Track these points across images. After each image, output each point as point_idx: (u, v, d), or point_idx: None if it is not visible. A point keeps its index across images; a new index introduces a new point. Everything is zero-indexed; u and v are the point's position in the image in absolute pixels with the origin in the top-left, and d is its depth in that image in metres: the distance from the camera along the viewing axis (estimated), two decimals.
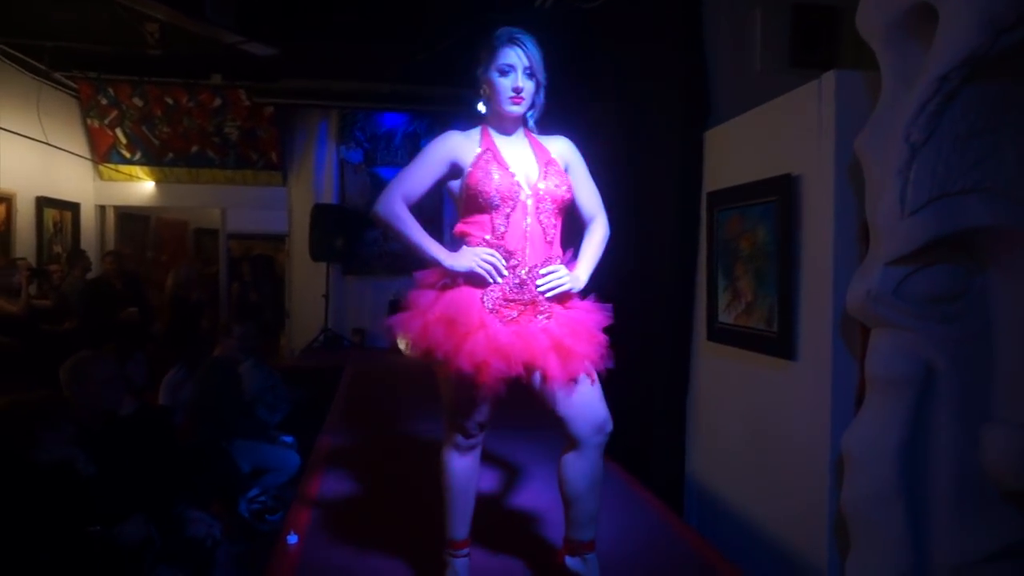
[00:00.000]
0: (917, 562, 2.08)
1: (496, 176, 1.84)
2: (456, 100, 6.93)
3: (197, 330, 6.20)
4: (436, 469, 2.00)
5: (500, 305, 1.86)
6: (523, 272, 1.87)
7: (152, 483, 2.70)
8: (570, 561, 1.98)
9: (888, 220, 2.01)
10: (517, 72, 1.84)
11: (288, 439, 4.28)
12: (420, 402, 4.47)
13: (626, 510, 2.72)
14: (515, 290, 1.87)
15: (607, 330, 1.97)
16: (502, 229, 1.86)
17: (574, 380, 1.82)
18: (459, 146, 1.92)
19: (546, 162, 1.92)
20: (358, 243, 7.43)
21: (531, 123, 1.98)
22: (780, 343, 2.66)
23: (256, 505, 3.62)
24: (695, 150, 3.35)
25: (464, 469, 1.97)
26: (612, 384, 1.96)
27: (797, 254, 2.59)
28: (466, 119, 2.05)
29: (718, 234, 3.14)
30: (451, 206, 2.12)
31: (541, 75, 1.89)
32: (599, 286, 2.07)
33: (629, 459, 3.41)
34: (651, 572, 2.22)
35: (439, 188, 1.97)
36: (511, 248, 1.86)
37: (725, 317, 3.08)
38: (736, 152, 3.08)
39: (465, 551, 2.01)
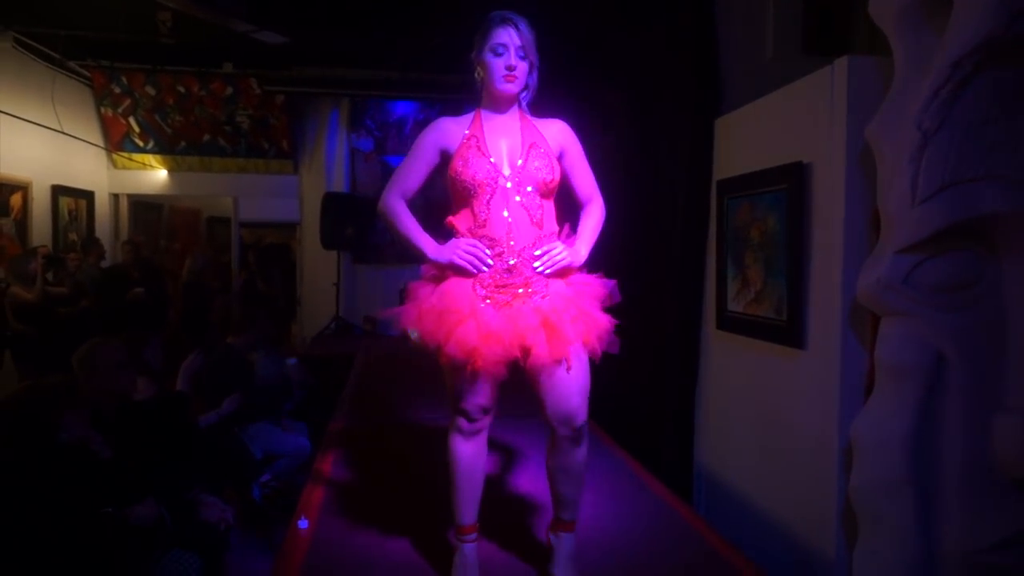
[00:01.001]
0: (925, 550, 2.08)
1: (474, 163, 1.86)
2: (467, 88, 6.90)
3: (211, 316, 6.26)
4: (443, 455, 2.02)
5: (493, 292, 1.87)
6: (511, 258, 1.86)
7: (167, 467, 2.74)
8: (551, 536, 2.05)
9: (899, 208, 2.00)
10: (510, 51, 1.85)
11: (300, 429, 4.32)
12: (430, 389, 4.49)
13: (635, 498, 2.73)
14: (504, 276, 1.87)
15: (616, 315, 1.95)
16: (484, 216, 1.87)
17: (559, 362, 1.81)
18: (447, 133, 1.94)
19: (530, 144, 1.90)
20: (369, 231, 7.44)
21: (523, 104, 1.96)
22: (789, 331, 2.65)
23: (268, 490, 3.66)
24: (706, 137, 3.33)
25: (469, 454, 1.97)
26: (622, 373, 1.96)
27: (807, 242, 2.58)
28: (476, 106, 2.05)
29: (728, 222, 3.12)
30: None
31: (534, 55, 1.89)
32: (607, 272, 2.07)
33: (638, 447, 3.42)
34: (659, 560, 2.23)
35: (438, 177, 1.98)
36: (495, 235, 1.87)
37: (734, 306, 3.08)
38: (747, 140, 3.06)
39: (473, 536, 2.03)
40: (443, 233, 1.99)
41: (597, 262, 2.05)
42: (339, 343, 6.79)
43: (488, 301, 1.86)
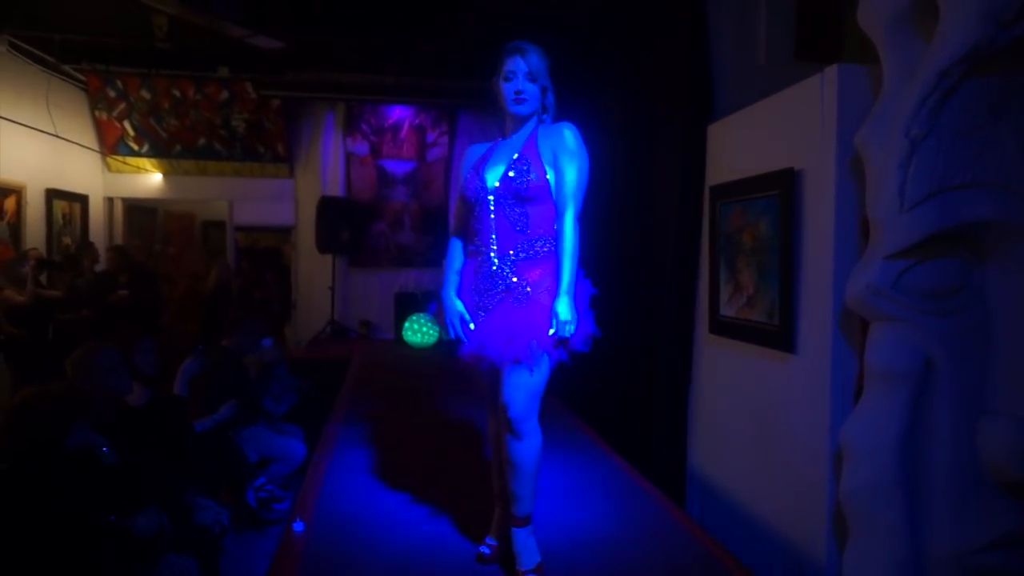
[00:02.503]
0: (914, 552, 2.10)
1: (470, 183, 2.07)
2: (462, 92, 6.95)
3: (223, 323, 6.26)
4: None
5: (482, 296, 2.07)
6: (492, 264, 2.03)
7: (163, 472, 2.74)
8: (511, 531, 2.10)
9: (888, 214, 2.03)
10: (519, 76, 2.00)
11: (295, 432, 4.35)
12: (425, 392, 4.51)
13: (628, 501, 2.75)
14: (488, 280, 2.05)
15: (609, 318, 2.09)
16: (476, 228, 2.07)
17: (514, 363, 1.94)
18: (470, 159, 2.16)
19: (517, 158, 2.01)
20: (364, 235, 7.46)
21: (547, 123, 2.08)
22: (781, 336, 2.67)
23: (263, 494, 3.66)
24: (698, 144, 3.36)
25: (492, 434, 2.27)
26: (615, 376, 1.99)
27: (798, 248, 2.60)
28: (473, 111, 2.12)
29: (720, 228, 3.15)
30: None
31: (544, 79, 2.02)
32: (601, 278, 2.10)
33: (631, 451, 3.44)
34: (652, 562, 2.24)
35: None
36: (482, 243, 2.06)
37: (727, 310, 3.10)
38: (739, 146, 3.09)
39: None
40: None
41: (591, 266, 2.08)
42: (334, 346, 6.80)
43: (477, 305, 2.07)
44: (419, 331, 6.33)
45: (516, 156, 2.01)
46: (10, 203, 5.83)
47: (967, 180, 1.99)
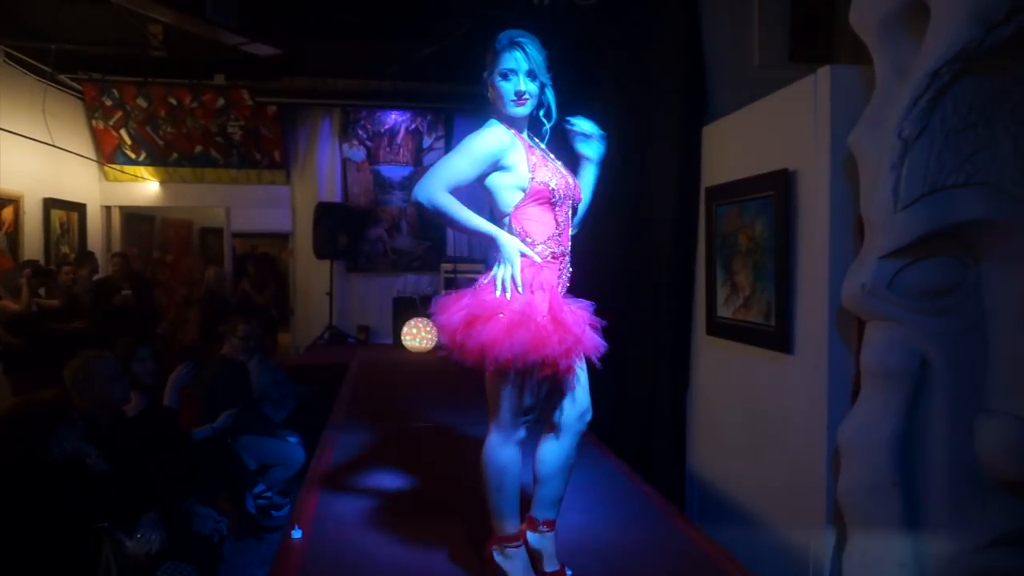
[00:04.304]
0: (912, 551, 2.10)
1: (559, 176, 1.95)
2: (457, 97, 6.97)
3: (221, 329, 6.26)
4: (480, 470, 2.05)
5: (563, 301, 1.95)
6: (570, 265, 2.01)
7: (160, 481, 2.74)
8: (531, 536, 2.07)
9: (882, 214, 2.03)
10: (519, 75, 1.87)
11: (293, 439, 4.32)
12: (423, 398, 4.51)
13: (627, 504, 2.74)
14: (565, 283, 2.00)
15: (607, 321, 2.07)
16: (562, 227, 1.98)
17: (595, 359, 1.94)
18: (504, 145, 1.89)
19: (566, 166, 2.06)
20: (361, 241, 7.48)
21: (546, 126, 2.03)
22: (778, 337, 2.68)
23: (262, 501, 3.66)
24: (694, 145, 3.37)
25: (517, 459, 2.01)
26: (612, 379, 2.00)
27: (794, 248, 2.61)
28: (468, 115, 2.10)
29: (717, 229, 3.16)
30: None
31: (544, 76, 1.93)
32: (597, 281, 2.11)
33: (631, 453, 3.43)
34: (652, 565, 2.24)
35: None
36: (564, 244, 1.99)
37: (724, 311, 3.11)
38: (734, 147, 3.10)
39: (520, 541, 2.08)
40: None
41: (586, 268, 2.10)
42: (332, 352, 6.79)
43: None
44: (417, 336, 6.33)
45: (563, 164, 2.05)
46: (7, 213, 5.83)
47: (960, 180, 1.99)
